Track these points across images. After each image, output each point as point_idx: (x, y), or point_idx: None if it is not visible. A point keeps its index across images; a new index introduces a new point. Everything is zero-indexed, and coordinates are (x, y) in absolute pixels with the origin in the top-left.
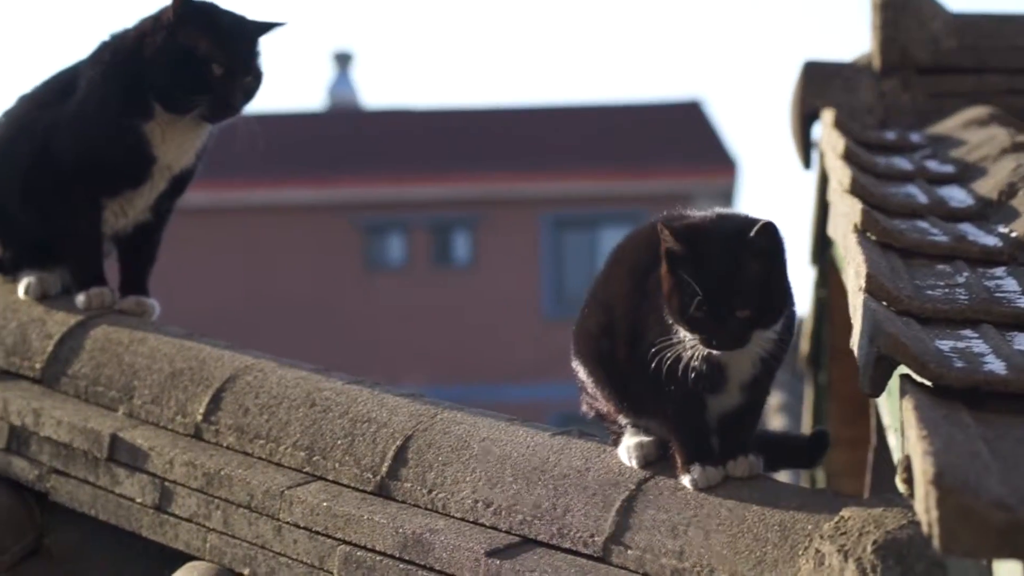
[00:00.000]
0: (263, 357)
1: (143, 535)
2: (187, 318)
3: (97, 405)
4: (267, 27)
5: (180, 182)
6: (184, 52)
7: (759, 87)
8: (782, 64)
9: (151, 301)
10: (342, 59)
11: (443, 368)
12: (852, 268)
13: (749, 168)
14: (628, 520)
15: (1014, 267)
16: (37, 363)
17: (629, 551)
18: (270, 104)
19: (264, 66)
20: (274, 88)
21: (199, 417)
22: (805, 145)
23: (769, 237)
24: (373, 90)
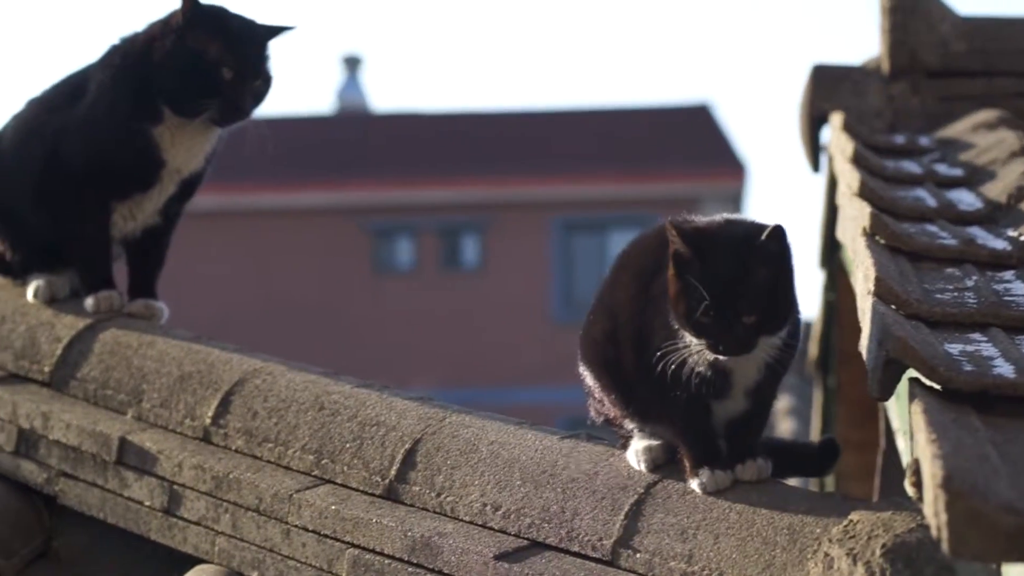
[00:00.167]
0: (272, 360)
1: (152, 538)
2: (196, 321)
3: (106, 408)
4: (277, 31)
5: (189, 186)
6: (194, 56)
7: (768, 91)
8: (791, 68)
9: (160, 304)
10: (351, 63)
11: (452, 371)
12: (861, 272)
13: (758, 172)
14: (637, 524)
15: (1023, 271)
16: (46, 366)
17: (638, 555)
18: (279, 108)
19: (273, 70)
20: (283, 92)
21: (208, 420)
22: (814, 149)
23: (778, 241)
24: (382, 94)
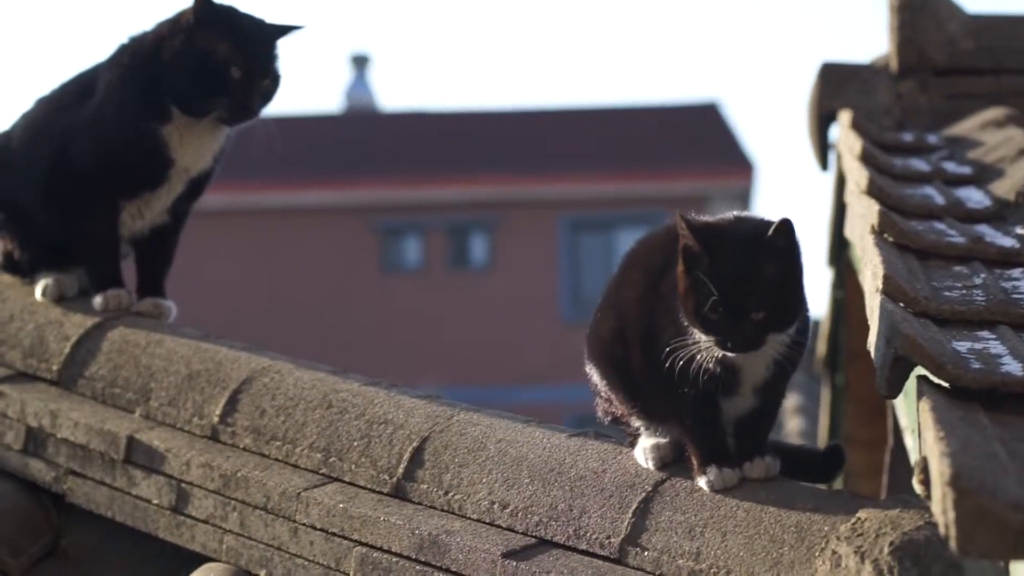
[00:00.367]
0: (280, 359)
1: (160, 536)
2: (203, 320)
3: (114, 407)
4: (285, 30)
5: (197, 185)
6: (203, 55)
7: (776, 89)
8: (799, 66)
9: (168, 303)
10: (359, 61)
11: (459, 370)
12: (869, 269)
13: (766, 170)
14: (645, 522)
15: None
16: (54, 365)
17: (646, 552)
18: (287, 106)
19: (282, 69)
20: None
21: (216, 419)
22: (822, 147)
23: (786, 236)
24: (390, 92)
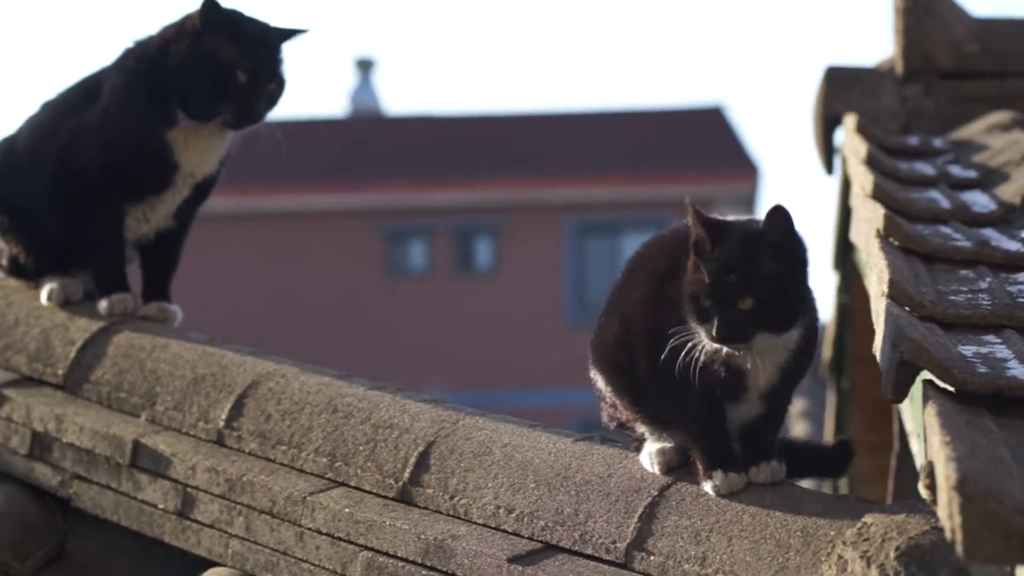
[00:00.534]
0: (285, 363)
1: (165, 541)
2: (209, 324)
3: (119, 411)
4: (290, 34)
5: (203, 189)
6: (208, 59)
7: (781, 92)
8: (804, 69)
9: (173, 307)
10: (364, 65)
11: (465, 374)
12: (875, 273)
13: (771, 173)
14: (650, 526)
15: None
16: (60, 369)
17: (652, 557)
18: (292, 110)
19: (287, 73)
20: (296, 94)
21: (221, 423)
22: (827, 150)
23: (784, 229)
24: (395, 96)
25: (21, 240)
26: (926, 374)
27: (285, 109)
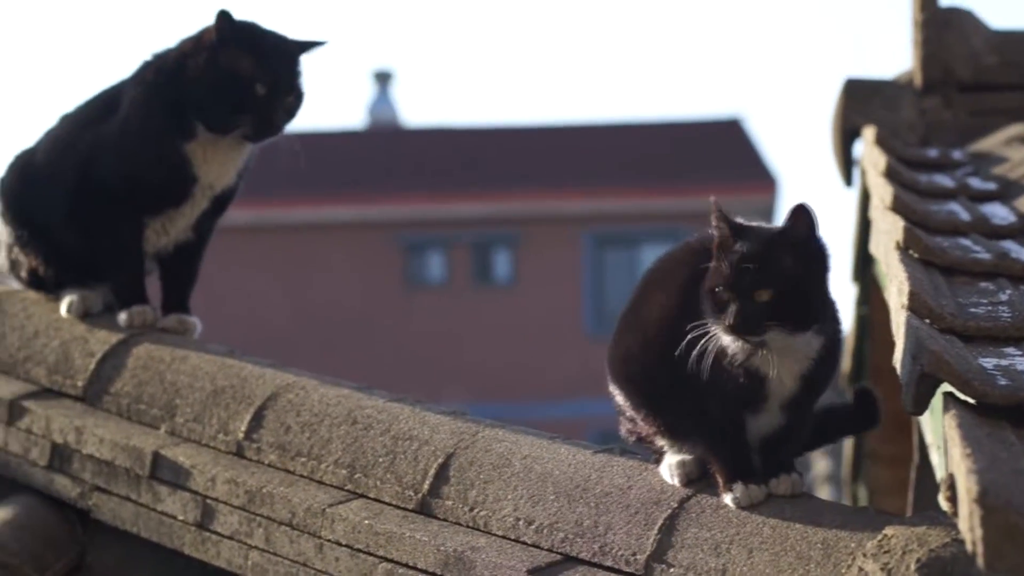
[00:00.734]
0: (304, 375)
1: (185, 553)
2: (228, 336)
3: (139, 423)
4: (308, 46)
5: (222, 201)
6: (227, 72)
7: (799, 104)
8: (822, 81)
9: (193, 319)
10: (382, 77)
11: (483, 385)
12: (895, 286)
13: (789, 185)
14: (670, 538)
15: None
16: (79, 381)
17: (672, 569)
18: (310, 123)
19: (305, 85)
20: (314, 107)
21: (241, 435)
22: (846, 162)
23: (806, 226)
24: (413, 108)
25: (40, 252)
26: (946, 386)
27: (303, 121)
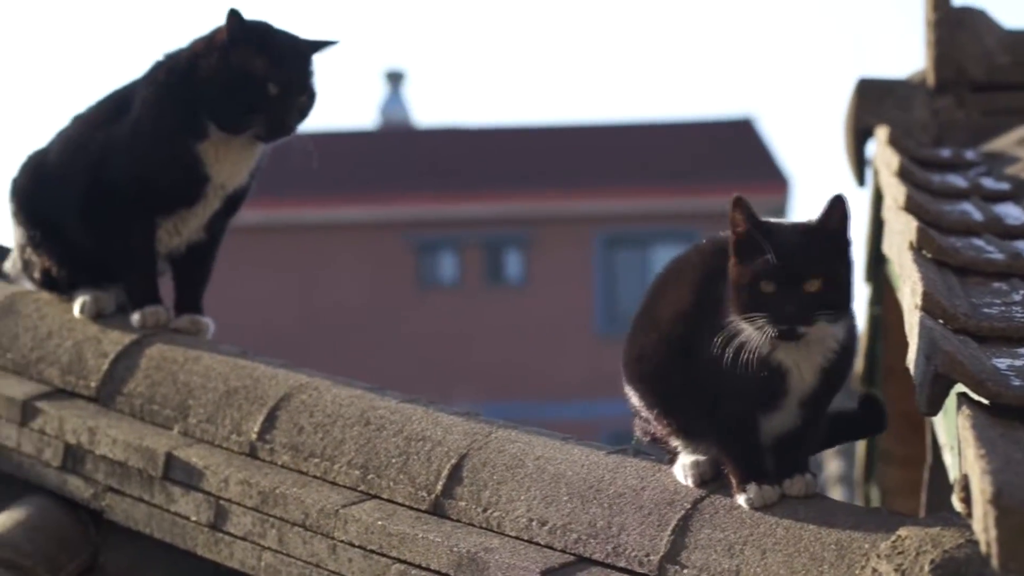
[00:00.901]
0: (317, 375)
1: (198, 553)
2: (241, 336)
3: (152, 423)
4: (320, 46)
5: (234, 201)
6: (239, 72)
7: (811, 104)
8: (834, 81)
9: (205, 319)
10: (394, 77)
11: (495, 386)
12: (908, 286)
13: (801, 185)
14: (684, 539)
15: None
16: (92, 382)
17: (685, 570)
18: (322, 123)
19: (318, 85)
20: (326, 107)
21: (254, 435)
22: (859, 162)
23: (840, 215)
24: (425, 108)
25: (53, 253)
26: (960, 387)
27: (315, 121)
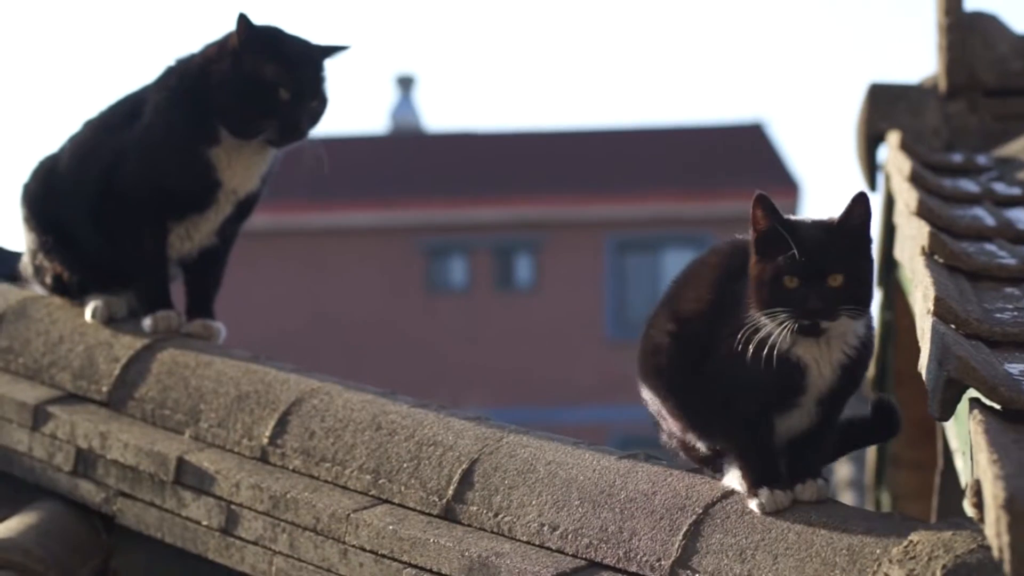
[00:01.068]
0: (328, 380)
1: (209, 558)
2: (252, 341)
3: (164, 428)
4: (332, 51)
5: (245, 206)
6: (250, 77)
7: (822, 109)
8: (845, 86)
9: (217, 324)
10: (404, 82)
11: (505, 390)
12: (920, 291)
13: (812, 190)
14: (695, 544)
15: None
16: (104, 386)
17: (696, 575)
18: (332, 127)
19: (329, 90)
20: (336, 111)
21: (265, 440)
22: (871, 167)
23: (861, 211)
24: (435, 113)
25: (65, 258)
26: (972, 392)
27: (325, 126)
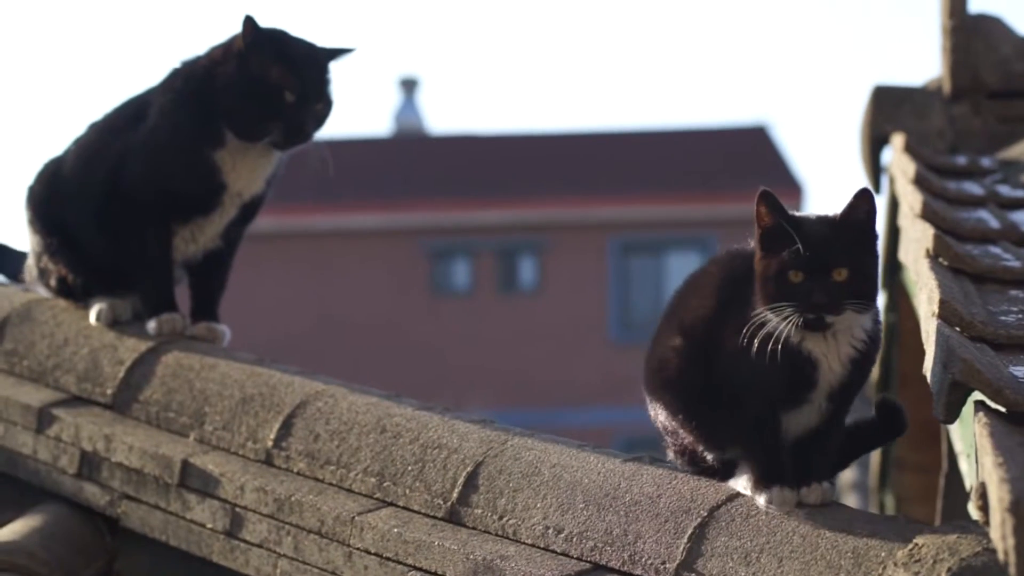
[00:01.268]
0: (333, 383)
1: (214, 561)
2: (256, 343)
3: (168, 431)
4: (337, 53)
5: (250, 209)
6: (256, 80)
7: (826, 111)
8: (848, 88)
9: (222, 327)
10: (408, 85)
11: (509, 393)
12: (924, 293)
13: (816, 192)
14: (700, 547)
15: None
16: (108, 389)
17: None
18: (336, 130)
19: (334, 93)
20: (340, 114)
21: (270, 443)
22: (875, 170)
23: (866, 207)
24: (439, 115)
25: (69, 261)
26: (976, 394)
27: (329, 128)
